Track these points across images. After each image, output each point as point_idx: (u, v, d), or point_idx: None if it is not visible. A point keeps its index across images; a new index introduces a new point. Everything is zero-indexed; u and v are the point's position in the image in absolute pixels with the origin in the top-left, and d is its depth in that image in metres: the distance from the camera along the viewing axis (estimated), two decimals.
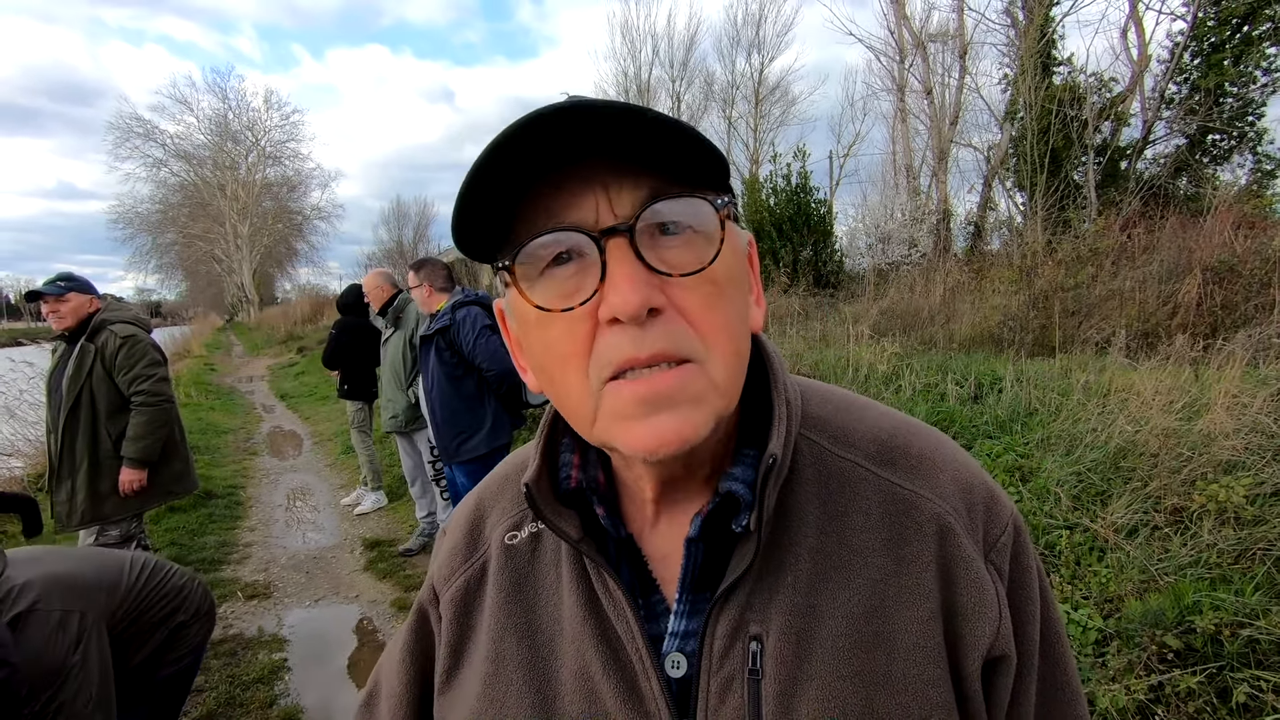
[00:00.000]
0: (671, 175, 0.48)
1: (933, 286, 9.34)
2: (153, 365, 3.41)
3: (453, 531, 0.69)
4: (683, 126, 0.45)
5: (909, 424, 0.61)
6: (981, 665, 0.53)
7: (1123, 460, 3.35)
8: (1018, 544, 0.57)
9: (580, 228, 0.46)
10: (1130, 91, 12.38)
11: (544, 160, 0.45)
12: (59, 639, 1.69)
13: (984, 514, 0.56)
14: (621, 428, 0.48)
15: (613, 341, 0.46)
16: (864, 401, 0.64)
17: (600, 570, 0.56)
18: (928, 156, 16.35)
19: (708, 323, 0.48)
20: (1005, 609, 0.54)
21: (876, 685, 0.51)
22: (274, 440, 9.32)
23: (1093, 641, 2.48)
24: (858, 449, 0.58)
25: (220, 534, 5.37)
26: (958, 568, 0.53)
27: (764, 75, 25.18)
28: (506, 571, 0.62)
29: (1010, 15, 13.65)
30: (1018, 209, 13.51)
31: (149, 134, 37.36)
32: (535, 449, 0.60)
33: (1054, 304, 6.78)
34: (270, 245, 42.65)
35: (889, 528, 0.55)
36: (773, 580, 0.53)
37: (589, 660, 0.55)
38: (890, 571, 0.53)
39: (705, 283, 0.48)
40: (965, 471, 0.58)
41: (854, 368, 5.70)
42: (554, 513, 0.57)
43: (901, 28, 16.16)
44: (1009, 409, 4.42)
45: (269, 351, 23.34)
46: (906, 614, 0.52)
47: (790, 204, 14.65)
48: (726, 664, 0.52)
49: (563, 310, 0.47)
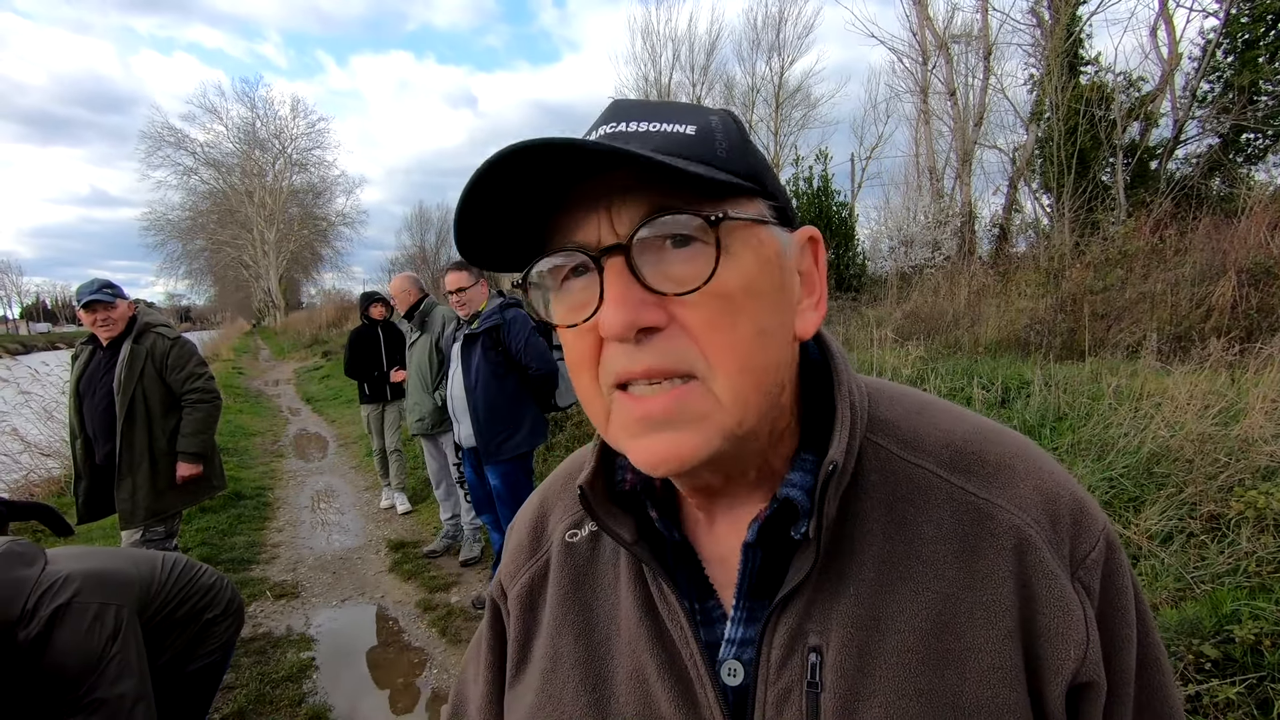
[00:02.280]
0: (673, 188, 0.46)
1: (957, 289, 9.22)
2: (202, 364, 3.62)
3: (518, 529, 0.70)
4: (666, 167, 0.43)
5: (989, 428, 0.57)
6: (1066, 692, 0.49)
7: (1156, 466, 3.28)
8: (1110, 561, 0.52)
9: (583, 247, 0.47)
10: (1160, 90, 12.14)
11: (553, 180, 0.47)
12: (97, 630, 1.73)
13: (1071, 527, 0.52)
14: (627, 441, 0.50)
15: (611, 355, 0.48)
16: (941, 404, 0.60)
17: (655, 574, 0.55)
18: (951, 158, 16.18)
19: (711, 339, 0.46)
20: (1094, 631, 0.50)
21: (945, 707, 0.48)
22: (300, 443, 9.46)
23: None
24: (929, 454, 0.55)
25: (249, 534, 5.46)
26: (1039, 584, 0.50)
27: (784, 78, 25.06)
28: (566, 569, 0.63)
29: (1036, 15, 13.47)
30: (1044, 211, 13.31)
31: (180, 143, 38.28)
32: (592, 451, 0.61)
33: (1083, 307, 6.66)
34: (296, 251, 43.34)
35: (962, 539, 0.51)
36: (834, 589, 0.51)
37: (644, 663, 0.55)
38: (963, 585, 0.50)
39: (712, 298, 0.46)
40: (1050, 480, 0.53)
41: (878, 371, 5.64)
42: (608, 514, 0.57)
43: (924, 29, 16.02)
44: (1037, 414, 4.35)
45: (295, 355, 23.72)
46: (980, 632, 0.49)
47: (812, 207, 14.59)
48: (785, 674, 0.51)
49: (569, 326, 0.49)
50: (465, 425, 3.74)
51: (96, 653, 1.71)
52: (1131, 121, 11.81)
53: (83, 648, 1.70)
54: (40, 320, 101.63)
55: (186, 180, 39.38)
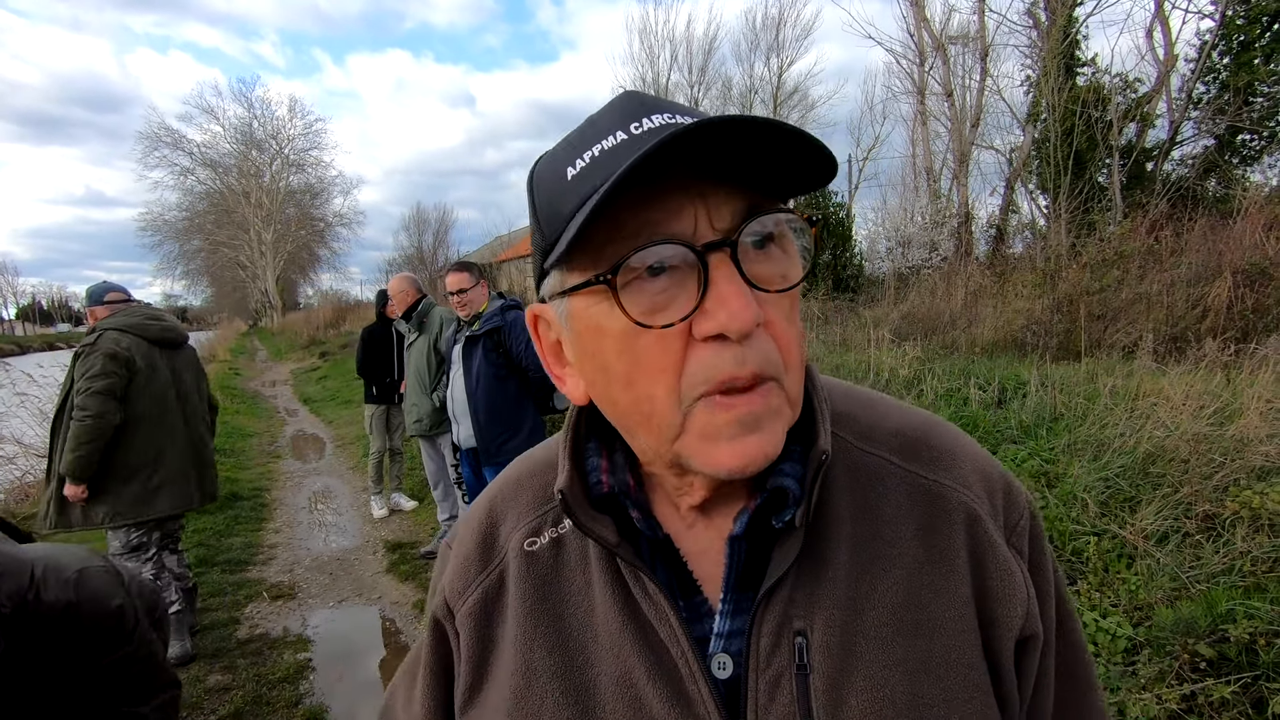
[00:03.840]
0: (764, 188, 0.48)
1: (954, 290, 9.24)
2: (93, 377, 3.15)
3: (463, 542, 0.65)
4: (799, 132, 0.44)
5: (928, 419, 0.63)
6: (1014, 646, 0.55)
7: (1152, 466, 3.29)
8: (1034, 527, 0.59)
9: (682, 240, 0.45)
10: (1156, 92, 12.18)
11: (645, 173, 0.43)
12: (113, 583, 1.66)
13: (1004, 500, 0.59)
14: (708, 446, 0.48)
15: (711, 360, 0.46)
16: (883, 398, 0.66)
17: (638, 573, 0.54)
18: (948, 159, 16.21)
19: (788, 339, 0.49)
20: (1032, 589, 0.56)
21: (920, 671, 0.52)
22: (297, 444, 9.45)
23: (1122, 649, 2.44)
24: (883, 444, 0.60)
25: (246, 535, 5.46)
26: (987, 553, 0.56)
27: (783, 79, 25.10)
28: (529, 579, 0.60)
29: (1032, 16, 13.51)
30: (1041, 212, 13.34)
31: (176, 143, 38.27)
32: (563, 454, 0.59)
33: (1079, 308, 6.68)
34: (293, 251, 43.31)
35: (919, 518, 0.56)
36: (813, 575, 0.54)
37: (631, 666, 0.54)
38: (924, 560, 0.55)
39: (787, 298, 0.49)
40: (984, 462, 0.60)
41: (875, 372, 5.66)
42: (589, 518, 0.56)
43: (921, 30, 16.06)
44: (1034, 414, 4.37)
45: (292, 356, 23.68)
46: (943, 600, 0.54)
47: (809, 207, 14.61)
48: (774, 661, 0.52)
49: (663, 326, 0.46)
50: (465, 426, 3.74)
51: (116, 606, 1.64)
52: (1128, 123, 11.84)
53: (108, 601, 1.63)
54: (36, 322, 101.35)
55: (183, 181, 39.45)
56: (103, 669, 1.63)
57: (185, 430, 3.48)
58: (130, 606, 1.68)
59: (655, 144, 0.41)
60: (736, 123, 0.42)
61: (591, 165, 0.48)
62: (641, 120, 0.48)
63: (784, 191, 0.50)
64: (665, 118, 0.48)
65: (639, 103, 0.50)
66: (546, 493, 0.63)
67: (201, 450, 3.58)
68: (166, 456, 3.38)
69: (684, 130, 0.41)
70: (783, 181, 0.49)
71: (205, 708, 3.09)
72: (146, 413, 3.31)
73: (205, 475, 3.60)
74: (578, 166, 0.49)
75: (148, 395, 3.32)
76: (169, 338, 3.48)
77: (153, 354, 3.38)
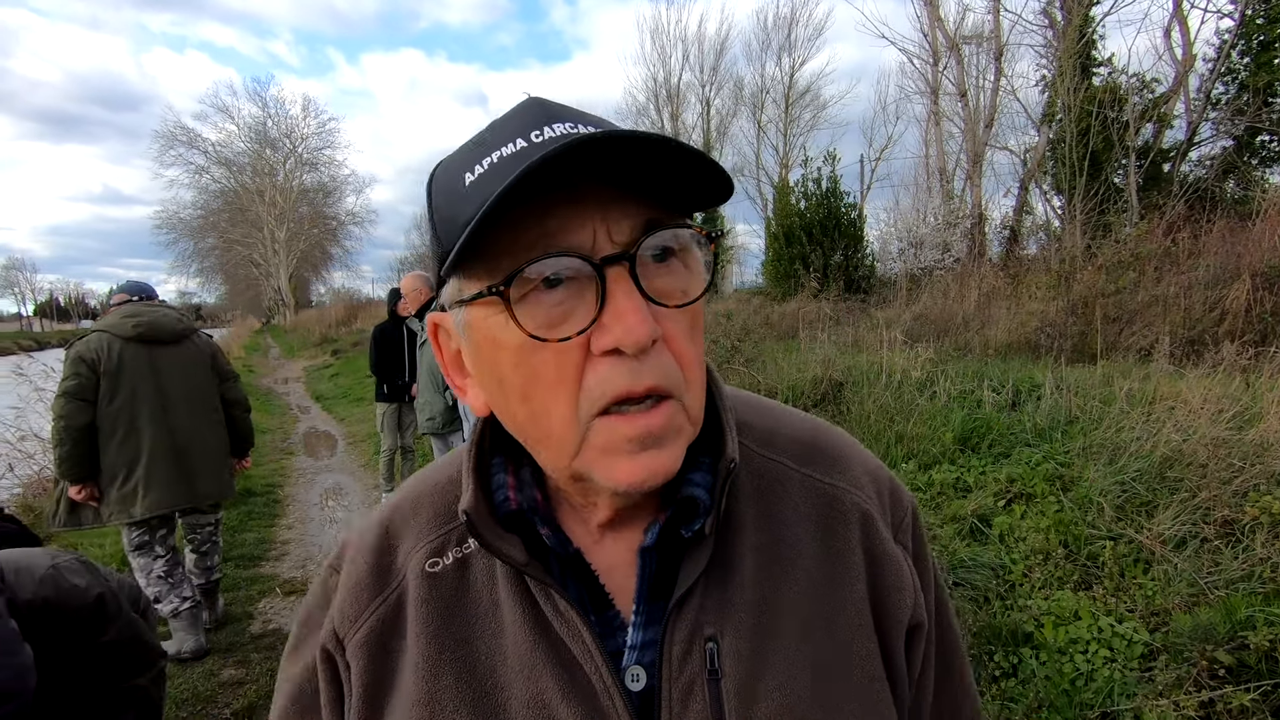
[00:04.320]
0: (663, 202, 0.48)
1: (967, 292, 9.19)
2: (62, 380, 3.20)
3: (354, 565, 0.60)
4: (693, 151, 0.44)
5: (818, 423, 0.66)
6: (905, 635, 0.58)
7: (1169, 470, 3.26)
8: (916, 523, 0.63)
9: (579, 253, 0.45)
10: (1174, 92, 12.06)
11: (541, 183, 0.43)
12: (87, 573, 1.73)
13: (890, 499, 0.62)
14: (608, 462, 0.48)
15: (607, 374, 0.46)
16: (777, 405, 0.68)
17: (549, 591, 0.53)
18: (962, 160, 16.12)
19: (688, 354, 0.49)
20: (917, 581, 0.60)
21: (826, 667, 0.54)
22: (309, 441, 9.52)
23: (1138, 655, 2.42)
24: (782, 450, 0.62)
25: (259, 531, 5.50)
26: (879, 549, 0.59)
27: (794, 79, 25.01)
28: (432, 602, 0.56)
29: (1048, 16, 13.40)
30: (1055, 213, 13.23)
31: (192, 142, 38.62)
32: (466, 472, 0.57)
33: (1094, 310, 6.62)
34: (306, 250, 43.61)
35: (817, 520, 0.59)
36: (721, 581, 0.55)
37: (543, 687, 0.52)
38: (823, 559, 0.57)
39: (687, 313, 0.49)
40: (871, 464, 0.64)
41: (887, 373, 5.63)
42: (496, 537, 0.54)
43: (935, 30, 15.97)
44: (1048, 417, 4.33)
45: (304, 354, 23.86)
46: (842, 596, 0.56)
47: (821, 208, 14.55)
48: (686, 669, 0.52)
49: (559, 340, 0.45)
50: None
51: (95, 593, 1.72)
52: (1145, 123, 11.73)
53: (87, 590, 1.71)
54: (54, 318, 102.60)
55: (198, 179, 39.81)
56: (100, 649, 1.71)
57: (165, 427, 3.36)
58: (109, 591, 1.75)
59: (548, 152, 0.40)
60: (633, 139, 0.42)
61: (489, 171, 0.46)
62: (543, 128, 0.47)
63: (686, 206, 0.50)
64: (567, 127, 0.47)
65: (542, 110, 0.49)
66: (449, 511, 0.60)
67: (190, 447, 3.44)
68: (144, 455, 3.29)
69: (578, 141, 0.41)
70: (684, 197, 0.49)
71: (219, 701, 3.12)
72: (121, 411, 3.26)
73: (199, 472, 3.47)
74: (475, 173, 0.47)
75: (122, 394, 3.26)
76: (148, 335, 3.35)
77: (127, 352, 3.28)
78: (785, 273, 14.86)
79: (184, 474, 3.41)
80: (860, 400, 5.20)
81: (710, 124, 26.71)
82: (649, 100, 27.39)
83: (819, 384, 5.69)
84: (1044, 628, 2.61)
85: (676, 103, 26.91)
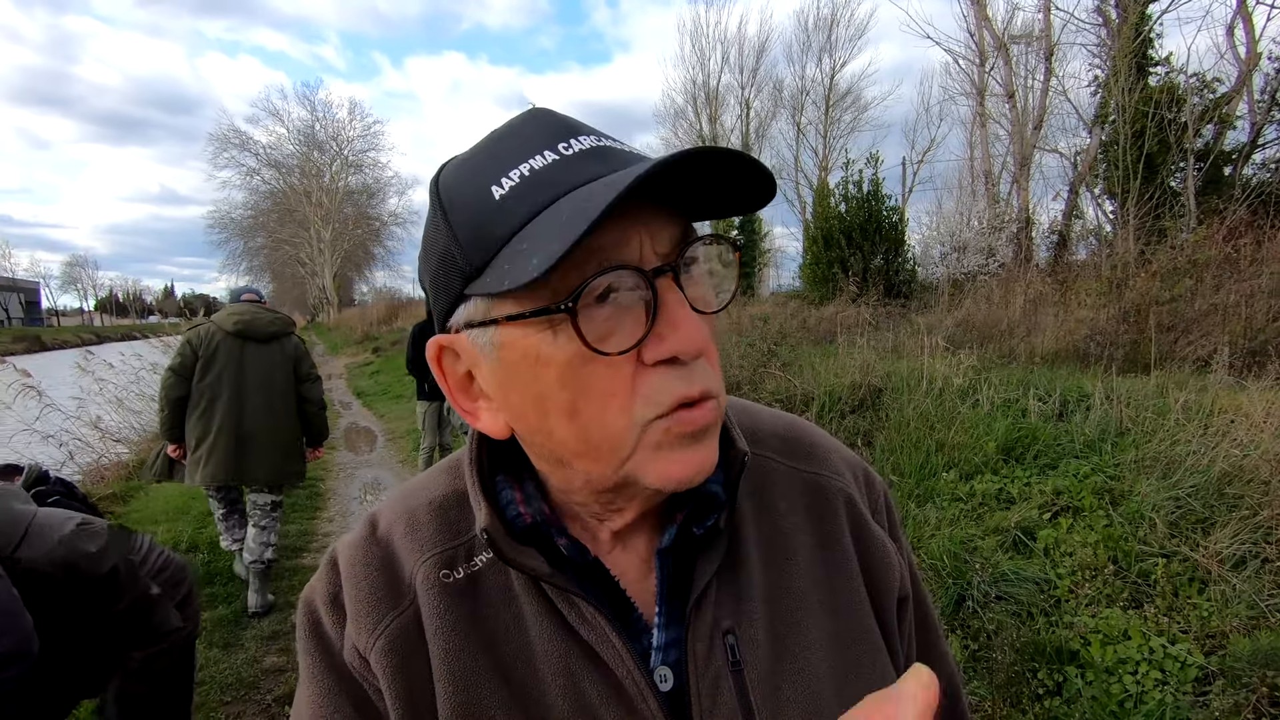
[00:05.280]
0: (695, 211, 0.51)
1: (1013, 297, 8.94)
2: (172, 357, 3.94)
3: (364, 577, 0.58)
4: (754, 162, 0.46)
5: (794, 419, 0.71)
6: (895, 607, 0.63)
7: (1228, 486, 3.12)
8: (889, 502, 0.69)
9: (634, 266, 0.46)
10: (1236, 92, 11.56)
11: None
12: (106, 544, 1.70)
13: (865, 483, 0.67)
14: (661, 460, 0.48)
15: (663, 384, 0.47)
16: (754, 404, 0.72)
17: (572, 599, 0.53)
18: (1008, 162, 15.71)
19: (715, 356, 0.51)
20: (900, 556, 0.64)
21: (834, 646, 0.57)
22: (350, 436, 9.75)
23: (1193, 679, 2.32)
24: (767, 445, 0.65)
25: (301, 523, 5.65)
26: (863, 530, 0.63)
27: (835, 81, 24.72)
28: (453, 613, 0.56)
29: (1102, 14, 12.98)
30: (1107, 217, 12.79)
31: (244, 144, 39.96)
32: (475, 491, 0.56)
33: (1148, 318, 6.37)
34: (350, 250, 44.70)
35: (808, 509, 0.63)
36: (731, 575, 0.57)
37: (583, 692, 0.52)
38: (818, 545, 0.61)
39: (712, 319, 0.52)
40: (845, 453, 0.69)
41: (928, 380, 5.51)
42: (516, 552, 0.54)
43: (982, 29, 15.61)
44: (1098, 428, 4.19)
45: (347, 351, 24.44)
46: (840, 578, 0.60)
47: (861, 211, 14.33)
48: (711, 665, 0.54)
49: (618, 353, 0.45)
50: None
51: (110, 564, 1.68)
52: (1204, 125, 11.26)
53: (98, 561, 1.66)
54: (113, 314, 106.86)
55: (249, 180, 41.15)
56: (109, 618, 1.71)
57: (236, 412, 3.77)
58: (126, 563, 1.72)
59: (641, 173, 0.40)
60: (712, 154, 0.43)
61: (524, 185, 0.46)
62: (569, 141, 0.47)
63: (722, 211, 0.52)
64: (592, 140, 0.48)
65: (560, 122, 0.50)
66: (451, 529, 0.59)
67: (255, 433, 3.82)
68: (213, 432, 3.75)
69: (663, 164, 0.41)
70: (720, 202, 0.51)
71: (262, 688, 3.22)
72: (205, 391, 3.77)
73: (256, 457, 3.84)
74: (505, 185, 0.46)
75: (210, 377, 3.77)
76: (243, 331, 3.84)
77: (225, 343, 3.80)
78: (823, 276, 14.67)
79: (241, 456, 3.81)
80: (900, 407, 5.10)
81: (749, 126, 26.53)
82: (687, 103, 27.35)
83: (857, 390, 5.60)
84: (1091, 646, 2.53)
85: (715, 105, 26.82)
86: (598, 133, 0.50)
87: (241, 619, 3.87)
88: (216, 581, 4.32)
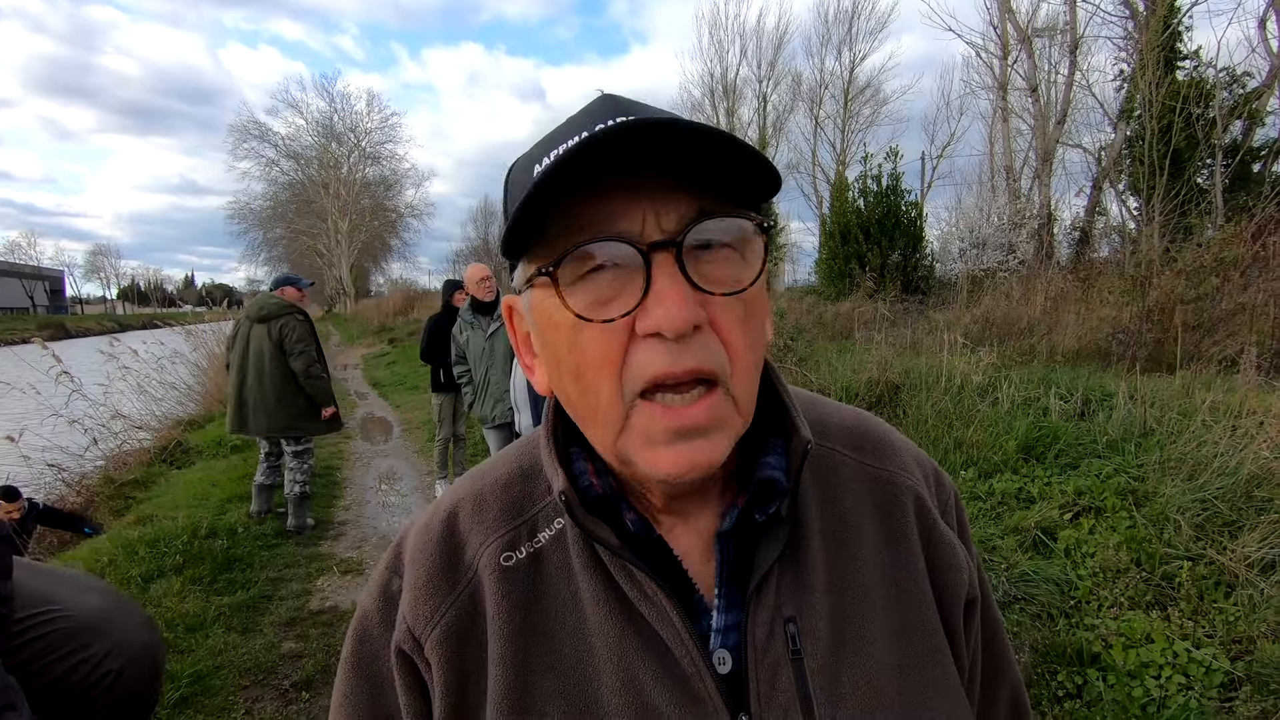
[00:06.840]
0: (716, 192, 0.49)
1: (1033, 295, 8.83)
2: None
3: (421, 564, 0.60)
4: (737, 141, 0.45)
5: (862, 414, 0.69)
6: (963, 610, 0.61)
7: (1257, 489, 3.06)
8: (959, 504, 0.67)
9: (628, 239, 0.46)
10: (1268, 87, 11.30)
11: (594, 169, 0.45)
12: None
13: (935, 482, 0.66)
14: (647, 450, 0.49)
15: (648, 356, 0.47)
16: (819, 396, 0.71)
17: (634, 575, 0.53)
18: (1030, 158, 15.49)
19: (737, 342, 0.49)
20: (969, 558, 0.63)
21: (895, 641, 0.57)
22: (366, 426, 9.82)
23: (1218, 684, 2.28)
24: (834, 438, 0.65)
25: (318, 512, 5.70)
26: (933, 529, 0.62)
27: (854, 74, 24.47)
28: (511, 597, 0.56)
29: (1129, 7, 12.73)
30: (1131, 215, 12.58)
31: (263, 135, 40.32)
32: (550, 459, 0.57)
33: (1173, 317, 6.27)
34: (366, 241, 45.03)
35: (875, 504, 0.62)
36: (793, 563, 0.57)
37: (635, 673, 0.53)
38: (885, 541, 0.60)
39: (739, 301, 0.49)
40: (916, 450, 0.68)
41: (946, 377, 5.46)
42: (590, 521, 0.54)
43: (1005, 22, 15.37)
44: (1121, 428, 4.12)
45: (363, 341, 24.63)
46: (905, 574, 0.59)
47: (879, 206, 14.20)
48: (771, 651, 0.54)
49: (603, 320, 0.47)
50: (526, 415, 3.80)
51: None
52: (1234, 120, 11.03)
53: None
54: (134, 302, 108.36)
55: (268, 171, 41.48)
56: None
57: (237, 379, 4.92)
58: None
59: (586, 137, 0.42)
60: (672, 127, 0.43)
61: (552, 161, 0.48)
62: (607, 121, 0.48)
63: (743, 199, 0.51)
64: (626, 119, 0.47)
65: (612, 105, 0.51)
66: (516, 506, 0.61)
67: (247, 396, 4.89)
68: (229, 394, 4.99)
69: (618, 129, 0.42)
70: (739, 189, 0.49)
71: (279, 673, 3.25)
72: (230, 361, 5.07)
73: (251, 413, 4.91)
74: (543, 164, 0.48)
75: (233, 352, 5.04)
76: (251, 314, 5.01)
77: (243, 324, 5.01)
78: (840, 271, 14.57)
79: (241, 412, 4.97)
80: (918, 404, 5.05)
81: (766, 119, 26.35)
82: (704, 96, 27.19)
83: (874, 386, 5.55)
84: (1113, 649, 2.49)
85: (733, 98, 26.65)
86: (652, 112, 0.50)
87: (260, 604, 3.92)
88: (235, 568, 4.37)
